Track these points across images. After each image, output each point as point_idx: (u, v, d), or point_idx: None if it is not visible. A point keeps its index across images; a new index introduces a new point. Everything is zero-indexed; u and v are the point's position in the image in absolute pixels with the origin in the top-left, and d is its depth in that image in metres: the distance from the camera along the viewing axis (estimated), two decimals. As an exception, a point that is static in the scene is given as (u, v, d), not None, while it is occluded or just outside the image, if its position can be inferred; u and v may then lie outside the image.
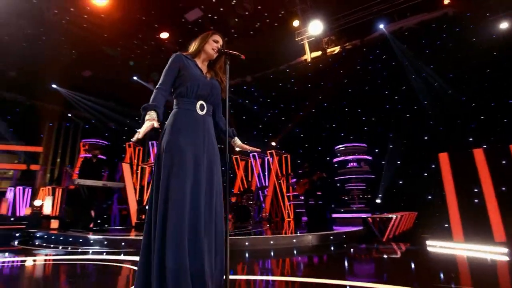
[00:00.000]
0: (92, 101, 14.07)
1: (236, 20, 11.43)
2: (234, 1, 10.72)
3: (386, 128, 10.72)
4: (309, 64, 11.66)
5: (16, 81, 12.47)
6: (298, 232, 5.77)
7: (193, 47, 2.15)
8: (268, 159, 12.02)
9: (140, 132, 1.73)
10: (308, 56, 11.53)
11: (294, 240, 4.83)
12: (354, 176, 10.07)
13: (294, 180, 10.99)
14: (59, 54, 11.51)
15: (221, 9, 10.98)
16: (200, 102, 2.00)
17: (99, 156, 7.61)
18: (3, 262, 3.88)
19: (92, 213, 7.18)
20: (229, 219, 7.50)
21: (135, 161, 12.36)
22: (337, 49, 11.07)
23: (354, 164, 10.29)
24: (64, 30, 10.59)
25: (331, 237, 5.09)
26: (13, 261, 3.95)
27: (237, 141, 2.22)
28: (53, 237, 6.15)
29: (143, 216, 9.48)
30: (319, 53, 11.36)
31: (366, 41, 10.79)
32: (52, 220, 7.65)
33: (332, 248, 4.85)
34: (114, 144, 13.50)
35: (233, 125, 2.30)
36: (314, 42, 11.27)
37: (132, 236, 5.42)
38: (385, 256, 4.17)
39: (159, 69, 2.11)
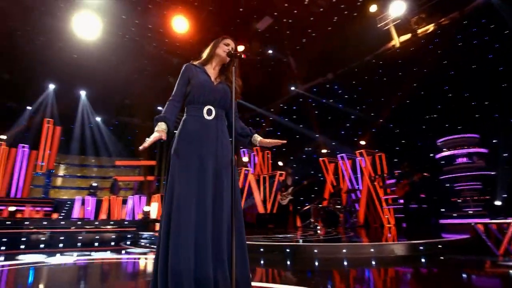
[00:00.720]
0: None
1: (312, 19, 11.12)
2: (307, 0, 10.47)
3: (505, 112, 8.58)
4: (397, 50, 10.37)
5: (133, 107, 14.99)
6: (396, 240, 5.07)
7: (205, 53, 2.17)
8: (359, 160, 11.15)
9: (147, 141, 1.78)
10: (396, 41, 10.27)
11: (372, 250, 4.24)
12: (465, 174, 8.37)
13: (391, 181, 9.87)
14: (161, 80, 13.30)
15: (295, 11, 10.87)
16: (208, 107, 2.00)
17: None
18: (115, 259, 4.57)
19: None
20: (316, 224, 7.22)
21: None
22: (430, 27, 9.52)
23: (465, 159, 8.56)
24: (163, 59, 12.23)
25: (421, 247, 4.28)
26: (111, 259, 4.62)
27: (257, 137, 2.15)
28: (153, 238, 7.03)
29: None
30: (408, 36, 9.98)
31: (466, 12, 8.93)
32: (157, 224, 8.79)
33: (423, 260, 4.07)
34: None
35: (317, 126, 2.24)
36: (400, 25, 9.99)
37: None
38: (495, 275, 3.24)
39: (245, 81, 2.21)
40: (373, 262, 3.99)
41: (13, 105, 13.47)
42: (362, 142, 11.65)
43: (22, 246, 6.30)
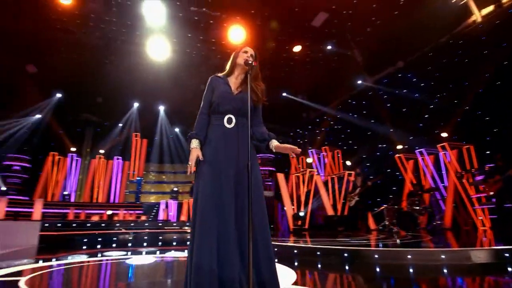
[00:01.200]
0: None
1: (374, 5, 10.38)
2: (367, -14, 9.82)
3: None
4: (479, 26, 8.93)
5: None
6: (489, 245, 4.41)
7: (228, 64, 2.30)
8: (442, 155, 9.91)
9: (191, 165, 2.03)
10: (477, 15, 8.88)
11: (443, 256, 3.73)
12: None
13: (480, 177, 8.51)
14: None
15: (354, 1, 10.29)
16: (228, 116, 2.11)
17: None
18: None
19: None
20: (392, 227, 6.72)
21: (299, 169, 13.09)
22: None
23: None
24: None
25: (507, 254, 3.59)
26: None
27: (273, 142, 2.15)
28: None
29: (299, 222, 9.87)
30: (490, 8, 8.53)
31: None
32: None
33: (510, 269, 3.43)
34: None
35: (390, 121, 2.18)
36: (480, -4, 8.62)
37: (291, 242, 5.72)
38: None
39: (307, 81, 2.32)
40: (445, 270, 3.52)
41: (108, 123, 15.78)
42: (444, 134, 10.33)
43: (114, 245, 7.32)
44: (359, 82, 13.58)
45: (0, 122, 13.22)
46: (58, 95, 14.37)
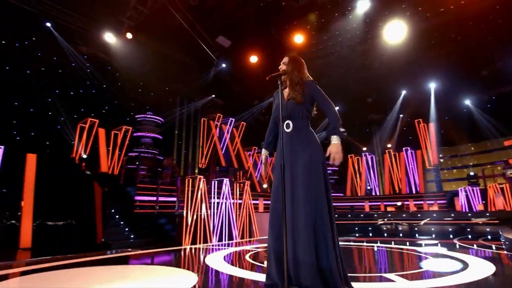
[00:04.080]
0: None
1: None
2: None
3: None
4: None
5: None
6: None
7: None
8: None
9: (262, 171, 2.78)
10: None
11: None
12: None
13: None
14: None
15: None
16: (286, 122, 2.49)
17: None
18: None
19: None
20: None
21: None
22: None
23: None
24: None
25: None
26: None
27: (333, 140, 2.36)
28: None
29: None
30: None
31: None
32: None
33: None
34: None
35: None
36: None
37: None
38: None
39: None
40: None
41: (375, 116, 16.30)
42: None
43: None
44: None
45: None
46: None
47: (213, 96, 14.06)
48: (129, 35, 9.09)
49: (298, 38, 10.71)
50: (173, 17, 8.84)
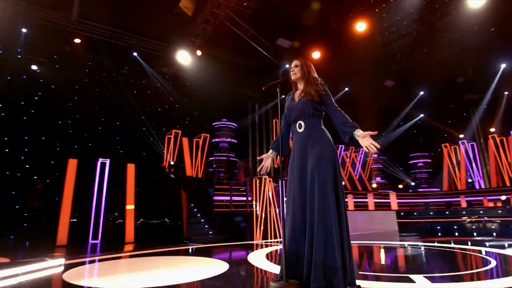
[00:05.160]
0: None
1: None
2: None
3: None
4: None
5: None
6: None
7: None
8: None
9: (263, 166, 2.78)
10: None
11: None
12: None
13: None
14: None
15: None
16: (298, 122, 2.54)
17: None
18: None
19: None
20: None
21: None
22: None
23: None
24: None
25: None
26: None
27: (357, 133, 2.32)
28: None
29: None
30: None
31: None
32: None
33: None
34: None
35: None
36: None
37: None
38: None
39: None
40: None
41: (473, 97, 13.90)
42: None
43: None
44: None
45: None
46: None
47: (283, 96, 14.32)
48: (198, 52, 10.07)
49: (361, 26, 10.09)
50: (233, 29, 9.45)
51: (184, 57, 10.83)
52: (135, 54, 10.73)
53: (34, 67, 10.01)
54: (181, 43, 10.37)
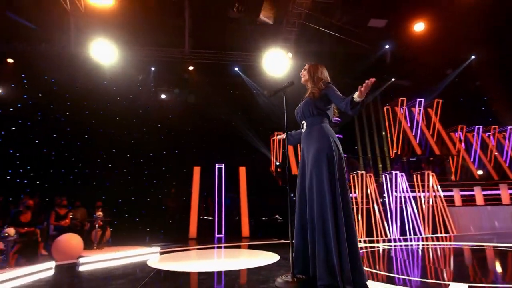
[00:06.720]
0: None
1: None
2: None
3: None
4: None
5: None
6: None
7: None
8: None
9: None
10: None
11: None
12: None
13: None
14: None
15: None
16: (302, 122, 2.69)
17: None
18: None
19: None
20: None
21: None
22: None
23: None
24: None
25: None
26: None
27: (354, 94, 2.24)
28: None
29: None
30: None
31: None
32: None
33: None
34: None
35: None
36: None
37: None
38: None
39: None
40: None
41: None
42: None
43: None
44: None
45: None
46: None
47: (393, 79, 13.06)
48: (289, 55, 10.32)
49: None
50: (318, 24, 9.33)
51: (277, 65, 11.03)
52: (236, 68, 11.92)
53: (163, 96, 12.49)
54: (272, 50, 10.72)
